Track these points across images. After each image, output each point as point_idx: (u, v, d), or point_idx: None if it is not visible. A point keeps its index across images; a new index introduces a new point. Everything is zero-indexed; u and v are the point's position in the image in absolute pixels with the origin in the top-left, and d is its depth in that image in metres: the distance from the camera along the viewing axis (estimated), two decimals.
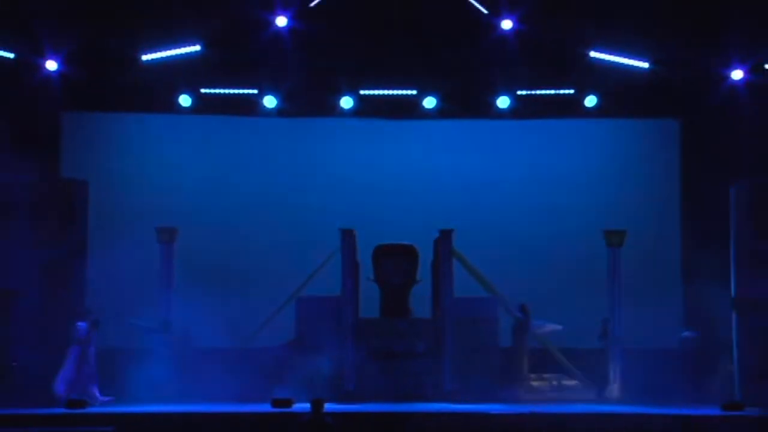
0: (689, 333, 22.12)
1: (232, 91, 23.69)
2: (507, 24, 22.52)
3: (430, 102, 23.72)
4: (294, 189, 24.07)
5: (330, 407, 17.75)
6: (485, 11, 22.57)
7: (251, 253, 23.52)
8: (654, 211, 23.90)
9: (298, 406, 18.99)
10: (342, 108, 23.77)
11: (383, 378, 21.42)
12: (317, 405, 16.43)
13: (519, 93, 23.56)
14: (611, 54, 22.68)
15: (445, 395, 21.11)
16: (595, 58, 22.77)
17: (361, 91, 23.65)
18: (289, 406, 19.22)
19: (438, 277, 21.93)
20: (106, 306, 21.20)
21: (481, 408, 19.59)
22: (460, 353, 21.44)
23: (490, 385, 21.35)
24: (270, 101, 23.65)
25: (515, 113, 23.77)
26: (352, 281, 21.73)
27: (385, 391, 21.19)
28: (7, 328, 21.02)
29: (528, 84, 23.42)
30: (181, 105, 23.65)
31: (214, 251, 23.26)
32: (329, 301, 21.65)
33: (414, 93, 23.74)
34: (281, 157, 24.23)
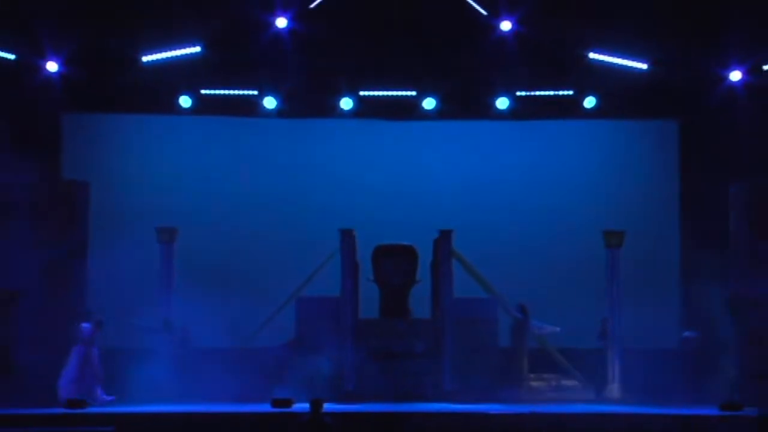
0: (690, 333, 22.09)
1: (232, 92, 23.68)
2: (506, 25, 22.50)
3: (429, 103, 23.68)
4: (294, 190, 24.07)
5: (329, 407, 17.76)
6: (484, 12, 22.57)
7: (251, 254, 23.52)
8: (653, 212, 23.89)
9: (297, 406, 18.99)
10: (342, 109, 23.75)
11: (383, 378, 21.44)
12: (316, 405, 16.45)
13: (518, 94, 23.55)
14: (610, 55, 22.66)
15: (445, 395, 21.11)
16: (594, 59, 22.77)
17: (361, 92, 23.62)
18: (289, 406, 19.22)
19: (437, 278, 21.94)
20: (106, 306, 21.22)
21: (481, 408, 19.61)
22: (459, 353, 21.45)
23: (489, 386, 21.37)
24: (270, 102, 23.63)
25: (514, 114, 23.76)
26: (351, 281, 21.74)
27: (385, 392, 21.21)
28: (10, 328, 21.04)
29: (527, 85, 23.41)
30: (182, 106, 23.62)
31: (214, 251, 23.26)
32: (329, 302, 21.66)
33: (413, 94, 23.71)
34: (281, 158, 24.22)
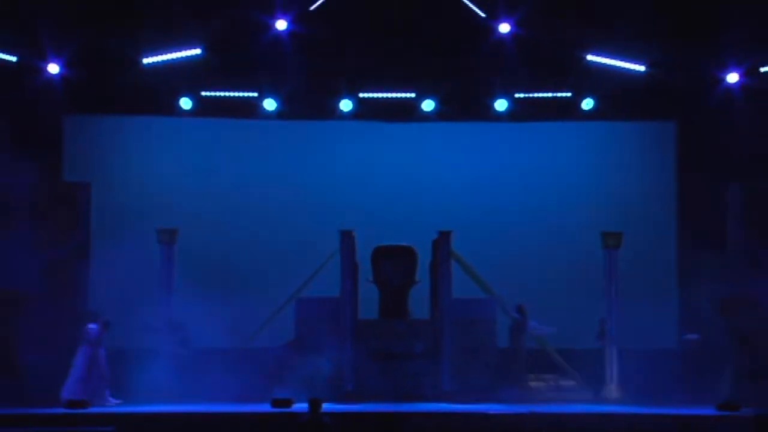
0: (692, 336, 22.07)
1: (232, 94, 23.74)
2: (505, 27, 22.51)
3: (428, 105, 23.75)
4: (294, 191, 24.08)
5: (329, 407, 17.86)
6: (483, 15, 22.59)
7: (251, 254, 23.55)
8: (651, 213, 23.89)
9: (297, 406, 19.01)
10: (341, 111, 23.81)
11: (382, 378, 21.46)
12: (315, 405, 16.52)
13: (517, 96, 23.63)
14: (608, 57, 22.71)
15: (444, 395, 21.12)
16: (593, 61, 22.82)
17: (361, 94, 23.70)
18: (289, 406, 19.23)
19: (436, 278, 21.96)
20: (107, 306, 21.19)
21: (480, 408, 19.64)
22: (458, 354, 21.48)
23: (488, 386, 21.41)
24: (270, 104, 23.70)
25: (513, 116, 23.82)
26: (351, 282, 21.75)
27: (384, 392, 21.23)
28: (12, 328, 21.09)
29: (526, 87, 23.48)
30: (182, 108, 23.69)
31: (214, 252, 23.31)
32: (329, 302, 21.67)
33: (413, 96, 23.79)
34: (281, 160, 24.24)
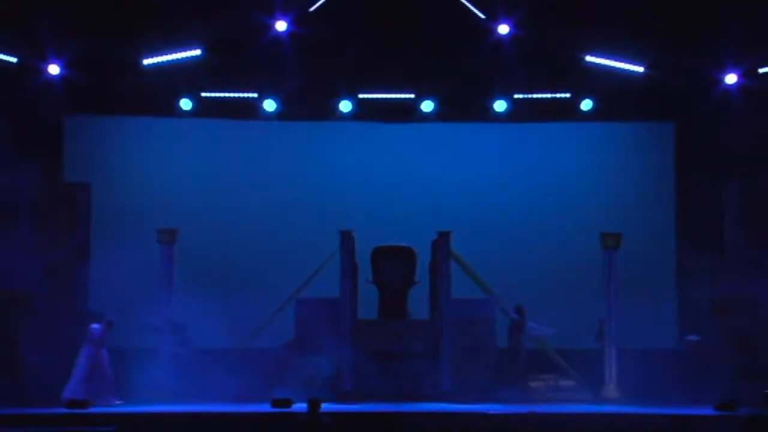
0: (693, 337, 22.04)
1: (232, 95, 23.75)
2: (504, 29, 22.55)
3: (428, 106, 23.75)
4: (293, 191, 24.06)
5: (329, 407, 17.91)
6: (482, 16, 22.64)
7: (251, 255, 23.54)
8: (649, 214, 23.87)
9: (297, 406, 19.02)
10: (341, 111, 23.81)
11: (382, 378, 21.46)
12: (314, 405, 16.54)
13: (516, 97, 23.64)
14: (607, 58, 22.74)
15: (443, 396, 21.13)
16: (591, 62, 22.84)
17: (360, 95, 23.72)
18: (289, 406, 19.24)
19: (436, 279, 21.98)
20: (107, 307, 21.22)
21: (479, 408, 19.67)
22: (457, 354, 21.49)
23: (487, 386, 21.44)
24: (270, 105, 23.70)
25: (512, 117, 23.82)
26: (351, 283, 21.75)
27: (384, 392, 21.24)
28: (13, 329, 21.15)
29: (525, 88, 23.49)
30: (182, 108, 23.68)
31: (214, 253, 23.30)
32: (328, 303, 21.67)
33: (412, 97, 23.81)
34: (281, 160, 24.21)
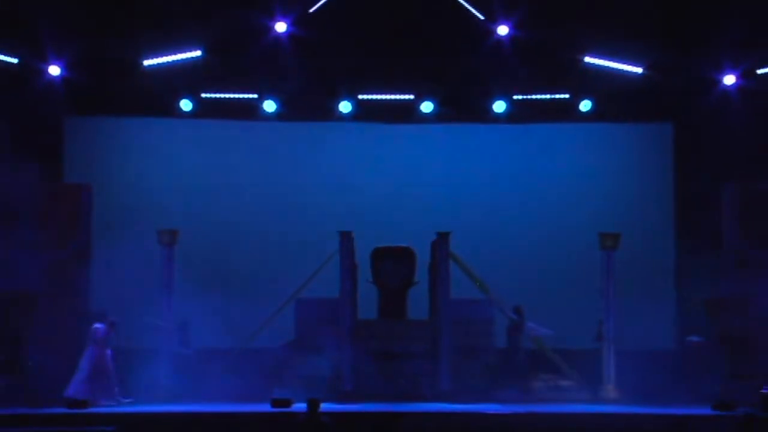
0: (695, 338, 22.04)
1: (232, 96, 23.82)
2: (503, 30, 22.61)
3: (427, 106, 23.81)
4: (293, 192, 24.11)
5: (328, 407, 17.94)
6: (482, 17, 22.69)
7: (251, 255, 23.57)
8: (648, 214, 23.91)
9: (297, 406, 19.05)
10: (341, 112, 23.88)
11: (381, 378, 21.52)
12: (313, 405, 16.58)
13: (515, 97, 23.69)
14: (606, 59, 22.80)
15: (442, 395, 21.16)
16: (590, 63, 22.91)
17: (360, 96, 23.77)
18: (289, 406, 19.29)
19: (435, 279, 22.02)
20: (108, 307, 21.17)
21: (478, 408, 19.70)
22: (456, 354, 21.54)
23: (486, 386, 21.48)
24: (270, 105, 23.76)
25: (511, 117, 23.86)
26: (350, 283, 21.79)
27: (383, 392, 21.27)
28: (17, 329, 21.20)
29: (524, 89, 23.55)
30: (183, 109, 23.75)
31: (214, 253, 23.36)
32: (328, 303, 21.73)
33: (412, 97, 23.86)
34: (281, 161, 24.26)
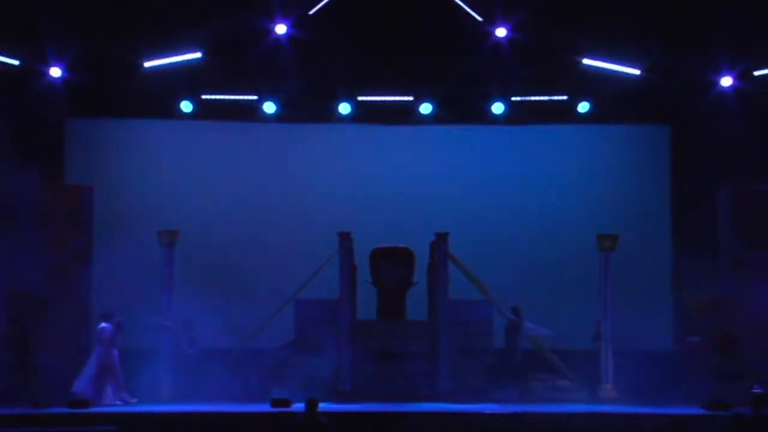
0: (695, 338, 22.09)
1: (232, 97, 23.88)
2: (501, 32, 22.67)
3: (426, 108, 23.87)
4: (293, 193, 24.16)
5: (327, 407, 17.96)
6: (480, 19, 22.74)
7: (251, 256, 23.59)
8: (645, 215, 23.96)
9: (296, 405, 19.05)
10: (340, 114, 23.94)
11: (380, 378, 21.57)
12: (311, 405, 16.59)
13: (513, 99, 23.74)
14: (603, 61, 22.85)
15: (441, 395, 21.21)
16: (588, 65, 22.96)
17: (359, 98, 23.82)
18: (288, 406, 19.33)
19: (434, 280, 22.08)
20: (109, 308, 21.28)
21: (477, 408, 19.74)
22: (455, 354, 21.60)
23: (485, 386, 21.53)
24: (269, 107, 23.81)
25: (510, 119, 23.91)
26: (349, 283, 21.85)
27: (382, 392, 21.31)
28: (23, 329, 21.25)
29: (522, 90, 23.61)
30: (183, 111, 23.82)
31: (214, 254, 23.38)
32: (327, 303, 21.79)
33: (411, 99, 23.93)
34: (280, 162, 24.30)
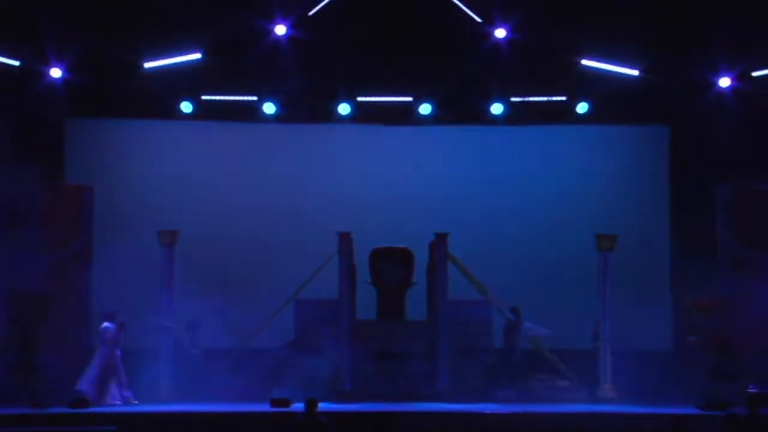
0: (694, 338, 22.12)
1: (232, 98, 23.90)
2: (500, 32, 22.69)
3: (425, 108, 23.87)
4: (292, 193, 24.14)
5: (327, 407, 18.02)
6: (479, 20, 22.77)
7: (251, 256, 23.59)
8: (644, 216, 23.96)
9: (296, 405, 19.09)
10: (339, 114, 23.94)
11: (380, 378, 21.62)
12: (311, 405, 16.64)
13: (512, 100, 23.74)
14: (602, 62, 22.87)
15: (440, 395, 21.26)
16: (587, 65, 22.97)
17: (359, 98, 23.83)
18: (288, 405, 19.38)
19: (433, 280, 22.13)
20: (109, 307, 21.33)
21: (476, 408, 19.80)
22: (454, 354, 21.66)
23: (484, 385, 21.60)
24: (269, 107, 23.81)
25: (509, 119, 23.91)
26: (349, 283, 21.90)
27: (382, 392, 21.37)
28: (26, 329, 21.30)
29: (521, 91, 23.62)
30: (183, 111, 23.81)
31: (214, 254, 23.36)
32: (327, 303, 21.83)
33: (410, 100, 23.93)
34: (280, 162, 24.28)
